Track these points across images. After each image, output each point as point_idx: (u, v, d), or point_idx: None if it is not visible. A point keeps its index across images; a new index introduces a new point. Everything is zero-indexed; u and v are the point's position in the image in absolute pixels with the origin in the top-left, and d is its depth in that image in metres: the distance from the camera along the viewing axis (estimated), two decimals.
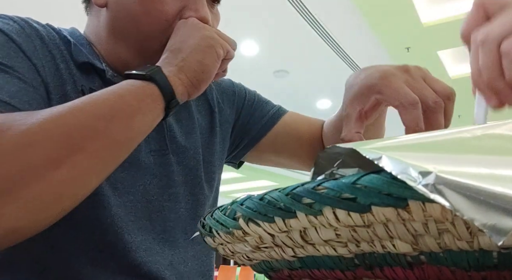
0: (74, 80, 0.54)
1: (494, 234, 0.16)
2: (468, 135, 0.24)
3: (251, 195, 0.27)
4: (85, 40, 0.58)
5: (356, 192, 0.21)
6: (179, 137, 0.63)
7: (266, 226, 0.26)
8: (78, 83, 0.54)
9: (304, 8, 3.65)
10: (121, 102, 0.43)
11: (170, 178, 0.60)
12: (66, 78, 0.53)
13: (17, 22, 0.52)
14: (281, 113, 0.75)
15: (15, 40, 0.49)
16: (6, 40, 0.49)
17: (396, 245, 0.22)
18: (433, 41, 4.15)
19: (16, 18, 0.53)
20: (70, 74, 0.54)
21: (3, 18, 0.52)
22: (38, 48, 0.51)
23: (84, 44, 0.57)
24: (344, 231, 0.23)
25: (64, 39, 0.56)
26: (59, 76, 0.52)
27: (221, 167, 0.71)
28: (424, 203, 0.19)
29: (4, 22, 0.51)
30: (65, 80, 0.53)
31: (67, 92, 0.52)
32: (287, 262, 0.29)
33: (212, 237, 0.33)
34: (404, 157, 0.20)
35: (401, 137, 0.25)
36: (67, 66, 0.54)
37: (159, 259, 0.56)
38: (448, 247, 0.20)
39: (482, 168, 0.19)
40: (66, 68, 0.54)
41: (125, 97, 0.43)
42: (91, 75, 0.56)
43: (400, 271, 0.23)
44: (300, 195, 0.23)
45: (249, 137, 0.75)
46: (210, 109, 0.71)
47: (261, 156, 0.77)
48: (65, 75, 0.53)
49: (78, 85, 0.54)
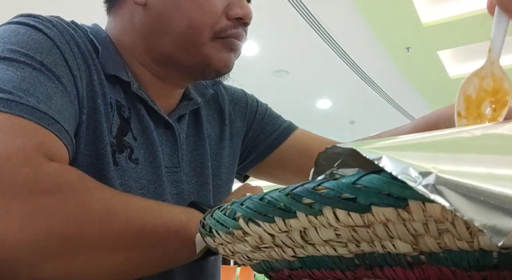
0: (104, 91, 0.53)
1: (494, 234, 0.16)
2: (468, 135, 0.24)
3: (251, 195, 0.27)
4: (110, 42, 0.57)
5: (356, 192, 0.21)
6: (189, 153, 0.63)
7: (266, 226, 0.26)
8: (107, 94, 0.53)
9: (304, 8, 3.65)
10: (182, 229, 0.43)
11: (180, 197, 0.60)
12: (97, 90, 0.52)
13: (56, 26, 0.50)
14: (292, 129, 0.75)
15: (59, 46, 0.48)
16: (51, 45, 0.47)
17: (396, 245, 0.22)
18: (433, 41, 4.15)
19: (55, 21, 0.51)
20: (100, 85, 0.53)
21: (43, 20, 0.50)
22: (76, 57, 0.50)
23: (110, 49, 0.56)
24: (344, 231, 0.23)
25: (92, 44, 0.55)
26: (92, 88, 0.51)
27: (230, 181, 0.70)
28: (424, 203, 0.19)
29: (46, 25, 0.49)
30: (96, 93, 0.52)
31: (98, 105, 0.51)
32: (287, 262, 0.29)
33: (212, 237, 0.33)
34: (404, 157, 0.20)
35: (401, 137, 0.25)
36: (99, 76, 0.53)
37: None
38: (448, 247, 0.20)
39: (482, 168, 0.19)
40: (98, 78, 0.53)
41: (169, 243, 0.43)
42: (117, 86, 0.56)
43: (400, 271, 0.23)
44: (300, 195, 0.23)
45: (257, 151, 0.74)
46: (221, 120, 0.70)
47: (266, 170, 0.76)
48: (97, 87, 0.52)
49: (107, 96, 0.53)
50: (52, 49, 0.47)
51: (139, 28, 0.57)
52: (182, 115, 0.63)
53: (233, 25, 0.56)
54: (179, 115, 0.62)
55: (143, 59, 0.58)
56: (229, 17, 0.56)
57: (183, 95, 0.64)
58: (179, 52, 0.57)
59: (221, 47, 0.56)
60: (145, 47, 0.58)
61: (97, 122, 0.51)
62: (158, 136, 0.58)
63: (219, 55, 0.56)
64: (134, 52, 0.58)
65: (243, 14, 0.57)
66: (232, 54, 0.58)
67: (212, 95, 0.71)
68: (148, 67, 0.59)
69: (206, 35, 0.55)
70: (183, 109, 0.63)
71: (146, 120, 0.57)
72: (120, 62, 0.57)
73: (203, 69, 0.57)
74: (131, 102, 0.57)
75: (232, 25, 0.56)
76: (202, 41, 0.55)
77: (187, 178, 0.61)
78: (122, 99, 0.55)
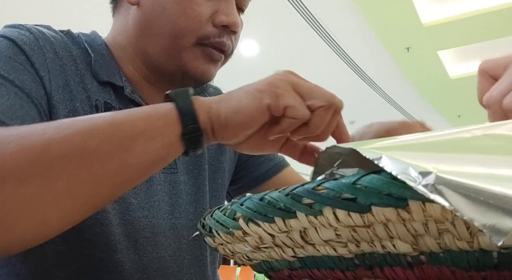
0: (88, 95, 0.54)
1: (494, 234, 0.16)
2: (468, 135, 0.24)
3: (251, 195, 0.27)
4: (106, 49, 0.59)
5: (356, 192, 0.21)
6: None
7: (266, 226, 0.26)
8: (92, 97, 0.54)
9: (304, 8, 3.65)
10: (125, 121, 0.37)
11: (179, 196, 0.60)
12: (76, 94, 0.53)
13: (33, 33, 0.52)
14: (286, 165, 0.76)
15: (26, 51, 0.50)
16: (15, 51, 0.49)
17: (396, 245, 0.22)
18: (433, 41, 4.15)
19: (34, 29, 0.53)
20: (83, 89, 0.54)
21: (20, 28, 0.52)
22: (48, 61, 0.52)
23: (104, 55, 0.58)
24: (344, 231, 0.23)
25: (84, 51, 0.57)
26: (69, 91, 0.52)
27: (225, 186, 0.70)
28: (424, 203, 0.19)
29: (20, 32, 0.51)
30: (74, 96, 0.52)
31: (76, 108, 0.52)
32: (287, 262, 0.29)
33: (212, 237, 0.33)
34: (404, 157, 0.20)
35: (401, 137, 0.25)
36: (81, 80, 0.54)
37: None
38: (448, 247, 0.20)
39: (482, 168, 0.19)
40: (79, 82, 0.54)
41: (131, 116, 0.38)
42: (108, 89, 0.56)
43: (400, 271, 0.23)
44: (300, 195, 0.23)
45: (251, 176, 0.74)
46: None
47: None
48: (76, 90, 0.53)
49: (92, 99, 0.54)
50: (14, 55, 0.49)
51: (131, 27, 0.58)
52: None
53: (218, 33, 0.56)
54: None
55: (134, 60, 0.59)
56: (215, 24, 0.55)
57: None
58: (161, 55, 0.57)
59: (199, 55, 0.56)
60: (135, 48, 0.59)
61: None
62: None
63: (195, 63, 0.56)
64: (127, 54, 0.60)
65: (229, 22, 0.56)
66: (211, 65, 0.57)
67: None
68: (138, 69, 0.60)
69: (188, 40, 0.55)
70: None
71: None
72: (114, 67, 0.58)
73: (182, 76, 0.57)
74: (124, 104, 0.57)
75: (217, 33, 0.56)
76: (183, 46, 0.55)
77: (184, 179, 0.62)
78: (113, 101, 0.56)
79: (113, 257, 0.52)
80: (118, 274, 0.52)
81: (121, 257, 0.52)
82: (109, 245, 0.51)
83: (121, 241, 0.53)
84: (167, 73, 0.58)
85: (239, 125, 0.40)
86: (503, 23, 3.85)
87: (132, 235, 0.54)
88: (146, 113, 0.38)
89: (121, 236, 0.53)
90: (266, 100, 0.39)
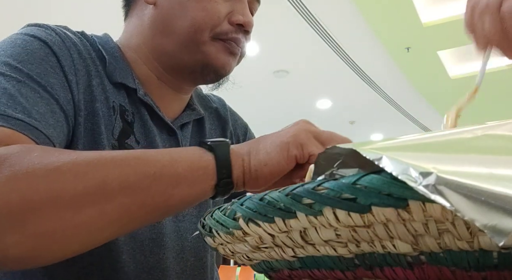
0: (107, 96, 0.56)
1: (495, 234, 0.16)
2: (469, 135, 0.24)
3: (251, 195, 0.27)
4: (118, 51, 0.60)
5: (356, 193, 0.21)
6: None
7: (266, 226, 0.26)
8: (110, 99, 0.56)
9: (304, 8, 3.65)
10: (170, 166, 0.40)
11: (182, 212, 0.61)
12: (96, 95, 0.54)
13: (59, 34, 0.53)
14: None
15: (56, 52, 0.51)
16: (47, 53, 0.50)
17: (396, 245, 0.22)
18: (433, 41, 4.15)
19: (58, 30, 0.54)
20: (102, 90, 0.56)
21: (46, 28, 0.53)
22: (75, 62, 0.53)
23: (117, 58, 0.59)
24: (344, 231, 0.23)
25: (98, 53, 0.58)
26: (90, 93, 0.54)
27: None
28: (424, 203, 0.19)
29: (47, 32, 0.52)
30: (95, 97, 0.54)
31: (96, 109, 0.54)
32: (287, 262, 0.29)
33: (212, 237, 0.33)
34: (404, 158, 0.20)
35: (401, 138, 0.25)
36: (101, 81, 0.56)
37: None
38: (448, 247, 0.20)
39: (483, 169, 0.19)
40: (99, 84, 0.56)
41: (176, 163, 0.41)
42: (122, 91, 0.58)
43: (400, 271, 0.23)
44: (300, 195, 0.23)
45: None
46: (223, 136, 0.72)
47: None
48: (96, 91, 0.55)
49: (110, 101, 0.56)
50: (46, 57, 0.49)
51: (147, 27, 0.60)
52: (185, 124, 0.65)
53: (234, 30, 0.59)
54: (182, 123, 0.64)
55: (148, 60, 0.61)
56: (231, 22, 0.59)
57: (187, 105, 0.67)
58: (180, 51, 0.59)
59: (220, 47, 0.59)
60: (151, 47, 0.60)
61: (95, 124, 0.53)
62: (161, 141, 0.60)
63: (217, 55, 0.59)
64: (141, 54, 0.61)
65: (244, 21, 0.59)
66: (231, 58, 0.61)
67: (217, 112, 0.73)
68: (153, 69, 0.61)
69: (206, 35, 0.58)
70: (186, 118, 0.65)
71: (149, 125, 0.59)
72: (127, 69, 0.60)
73: (202, 69, 0.59)
74: (135, 107, 0.59)
75: (233, 29, 0.59)
76: (203, 40, 0.58)
77: None
78: (126, 104, 0.58)
79: (120, 257, 0.53)
80: (124, 274, 0.53)
81: (127, 257, 0.53)
82: (116, 245, 0.52)
83: (127, 242, 0.54)
84: (187, 68, 0.60)
85: (268, 176, 0.44)
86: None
87: (137, 237, 0.55)
88: (190, 160, 0.42)
89: (127, 237, 0.54)
90: (293, 151, 0.44)
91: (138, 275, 0.54)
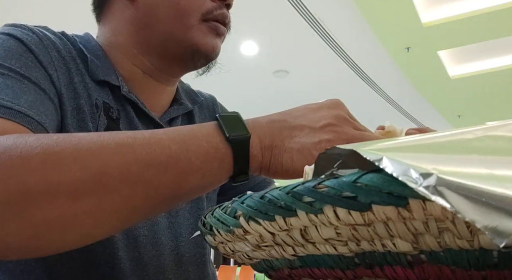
0: (89, 93, 0.56)
1: (496, 236, 0.16)
2: (469, 136, 0.24)
3: (252, 193, 0.27)
4: (100, 50, 0.60)
5: (356, 191, 0.21)
6: None
7: (266, 224, 0.26)
8: (92, 96, 0.56)
9: (304, 8, 3.65)
10: (183, 156, 0.37)
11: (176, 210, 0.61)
12: (79, 92, 0.54)
13: (36, 33, 0.53)
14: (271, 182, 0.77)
15: (33, 50, 0.51)
16: (24, 50, 0.50)
17: (397, 244, 0.22)
18: (433, 41, 4.15)
19: (36, 30, 0.54)
20: (85, 87, 0.55)
21: (23, 28, 0.53)
22: (54, 59, 0.53)
23: (100, 56, 0.59)
24: (344, 229, 0.23)
25: (79, 52, 0.58)
26: (73, 89, 0.54)
27: (217, 189, 0.71)
28: (425, 201, 0.19)
29: (24, 32, 0.52)
30: (78, 94, 0.54)
31: (81, 105, 0.54)
32: (288, 261, 0.29)
33: (213, 236, 0.33)
34: (404, 158, 0.20)
35: (401, 138, 0.25)
36: (82, 79, 0.56)
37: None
38: (448, 246, 0.21)
39: (483, 169, 0.19)
40: (81, 81, 0.55)
41: (189, 152, 0.38)
42: (105, 88, 0.58)
43: (400, 270, 0.23)
44: (301, 193, 0.23)
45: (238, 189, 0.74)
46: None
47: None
48: (79, 88, 0.55)
49: (92, 98, 0.56)
50: (24, 53, 0.49)
51: (130, 23, 0.60)
52: (174, 119, 0.65)
53: (218, 6, 0.59)
54: (170, 118, 0.64)
55: (133, 55, 0.60)
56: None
57: (174, 99, 0.66)
58: (168, 41, 0.59)
59: (206, 30, 0.59)
60: (136, 42, 0.60)
61: (81, 121, 0.53)
62: None
63: (205, 39, 0.58)
64: (124, 51, 0.61)
65: (228, 2, 0.59)
66: (218, 39, 0.60)
67: (206, 106, 0.73)
68: (139, 64, 0.61)
69: (194, 19, 0.58)
70: (174, 112, 0.65)
71: (135, 122, 0.59)
72: (110, 67, 0.59)
73: (192, 55, 0.59)
74: (120, 104, 0.59)
75: (216, 6, 0.59)
76: (191, 25, 0.58)
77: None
78: (110, 101, 0.57)
79: (115, 254, 0.53)
80: (120, 271, 0.53)
81: (122, 254, 0.53)
82: (111, 242, 0.53)
83: (121, 239, 0.54)
84: (176, 56, 0.60)
85: (286, 177, 0.42)
86: (503, 23, 3.85)
87: (132, 233, 0.55)
88: (205, 151, 0.39)
89: (122, 234, 0.54)
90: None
91: (134, 272, 0.54)
